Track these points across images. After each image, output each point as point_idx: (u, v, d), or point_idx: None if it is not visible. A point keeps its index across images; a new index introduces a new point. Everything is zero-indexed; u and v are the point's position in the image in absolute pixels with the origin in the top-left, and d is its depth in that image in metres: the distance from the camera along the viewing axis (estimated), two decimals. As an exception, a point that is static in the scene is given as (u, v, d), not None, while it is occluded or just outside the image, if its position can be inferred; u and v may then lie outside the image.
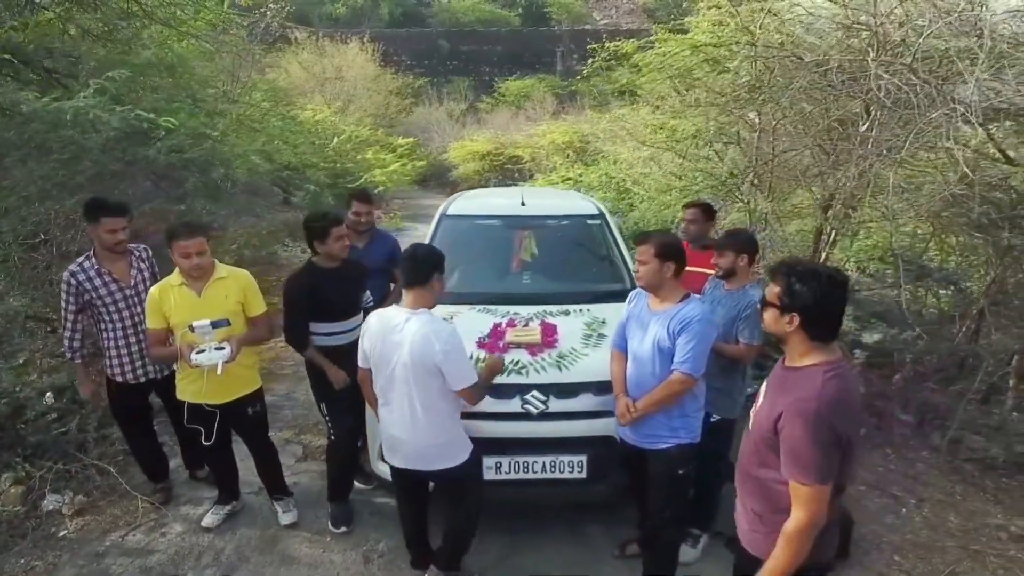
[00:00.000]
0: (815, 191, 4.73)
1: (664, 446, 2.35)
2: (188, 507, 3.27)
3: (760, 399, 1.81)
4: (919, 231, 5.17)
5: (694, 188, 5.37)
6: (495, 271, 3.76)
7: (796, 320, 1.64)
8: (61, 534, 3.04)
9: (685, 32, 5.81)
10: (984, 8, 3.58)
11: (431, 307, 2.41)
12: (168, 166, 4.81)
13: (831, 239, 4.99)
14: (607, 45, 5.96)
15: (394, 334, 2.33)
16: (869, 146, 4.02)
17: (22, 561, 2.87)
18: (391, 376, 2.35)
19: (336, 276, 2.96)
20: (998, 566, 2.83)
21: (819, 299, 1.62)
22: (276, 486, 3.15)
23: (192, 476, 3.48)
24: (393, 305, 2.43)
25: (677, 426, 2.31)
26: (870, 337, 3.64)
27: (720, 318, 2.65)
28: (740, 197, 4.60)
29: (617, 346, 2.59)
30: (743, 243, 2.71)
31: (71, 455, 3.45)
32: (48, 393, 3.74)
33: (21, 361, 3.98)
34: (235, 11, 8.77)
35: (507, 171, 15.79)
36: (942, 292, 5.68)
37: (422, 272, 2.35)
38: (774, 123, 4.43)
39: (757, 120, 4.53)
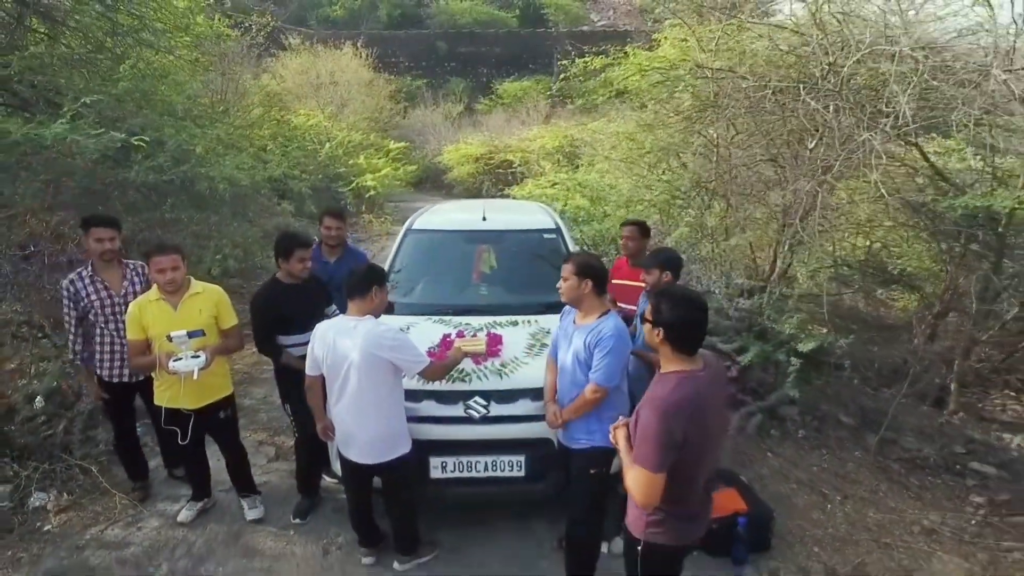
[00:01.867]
0: (770, 204, 4.98)
1: (579, 447, 2.61)
2: (165, 503, 3.53)
3: None
4: (873, 241, 5.44)
5: (659, 199, 5.61)
6: (455, 283, 4.01)
7: (661, 334, 1.90)
8: (45, 528, 3.30)
9: (652, 48, 6.07)
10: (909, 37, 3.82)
11: (375, 315, 2.68)
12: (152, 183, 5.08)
13: (787, 249, 5.24)
14: (576, 60, 6.21)
15: (345, 339, 2.60)
16: (817, 163, 4.28)
17: (9, 553, 3.12)
18: (345, 376, 2.62)
19: (297, 291, 3.22)
20: (904, 557, 3.08)
21: (680, 318, 1.89)
22: (244, 485, 3.41)
23: (170, 475, 3.74)
24: (340, 315, 2.70)
25: (593, 429, 2.56)
26: (805, 346, 3.87)
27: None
28: (692, 210, 4.84)
29: (552, 355, 2.84)
30: (665, 261, 2.96)
31: (57, 456, 3.71)
32: (38, 397, 3.99)
33: (13, 366, 4.22)
34: (226, 22, 9.06)
35: (499, 175, 16.01)
36: (904, 296, 5.96)
37: (361, 285, 2.65)
38: (728, 139, 4.70)
39: (715, 136, 4.78)
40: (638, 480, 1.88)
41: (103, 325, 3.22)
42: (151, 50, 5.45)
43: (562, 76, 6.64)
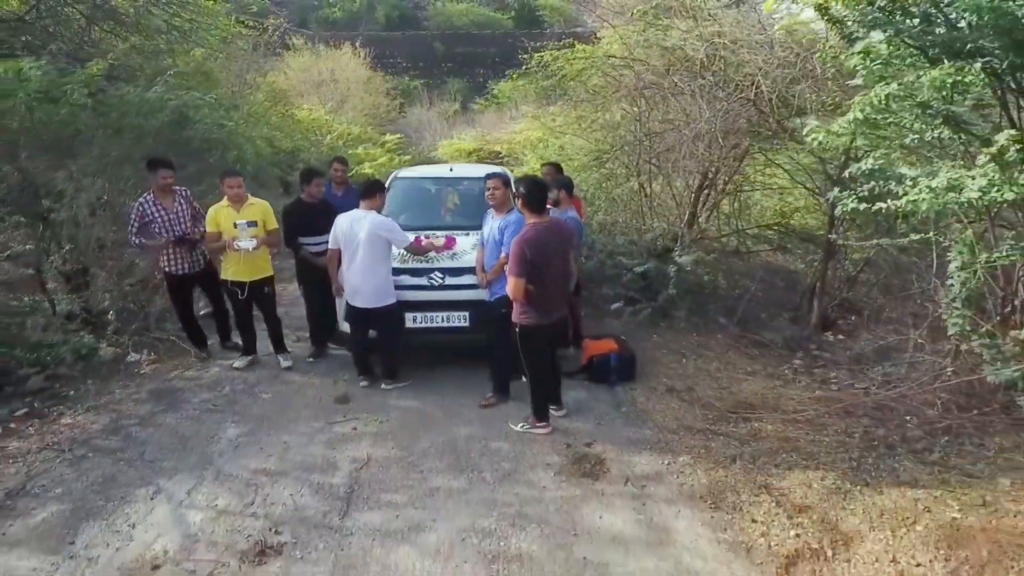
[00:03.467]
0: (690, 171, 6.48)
1: (496, 296, 4.10)
2: (223, 361, 5.01)
3: None
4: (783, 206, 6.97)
5: (596, 159, 7.11)
6: (427, 214, 5.51)
7: (521, 201, 3.43)
8: (142, 371, 4.79)
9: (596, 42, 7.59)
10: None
11: (377, 211, 4.19)
12: (195, 147, 6.56)
13: (708, 204, 6.75)
14: (535, 55, 7.71)
15: (357, 223, 4.14)
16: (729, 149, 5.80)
17: (120, 383, 4.61)
18: (355, 249, 4.13)
19: (313, 208, 4.76)
20: (725, 383, 4.56)
21: (528, 190, 3.42)
22: (279, 345, 4.92)
23: (223, 346, 5.23)
24: (353, 210, 4.22)
25: (503, 284, 4.04)
26: (682, 257, 5.36)
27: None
28: (613, 165, 6.40)
29: (481, 243, 4.34)
30: (562, 183, 4.47)
31: (141, 332, 5.20)
32: (128, 295, 5.48)
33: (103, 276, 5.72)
34: (243, 23, 10.58)
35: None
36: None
37: (370, 190, 4.23)
38: (635, 114, 6.23)
39: (626, 109, 6.31)
40: (511, 283, 3.41)
41: (165, 233, 4.66)
42: (197, 48, 6.97)
43: (523, 69, 8.13)
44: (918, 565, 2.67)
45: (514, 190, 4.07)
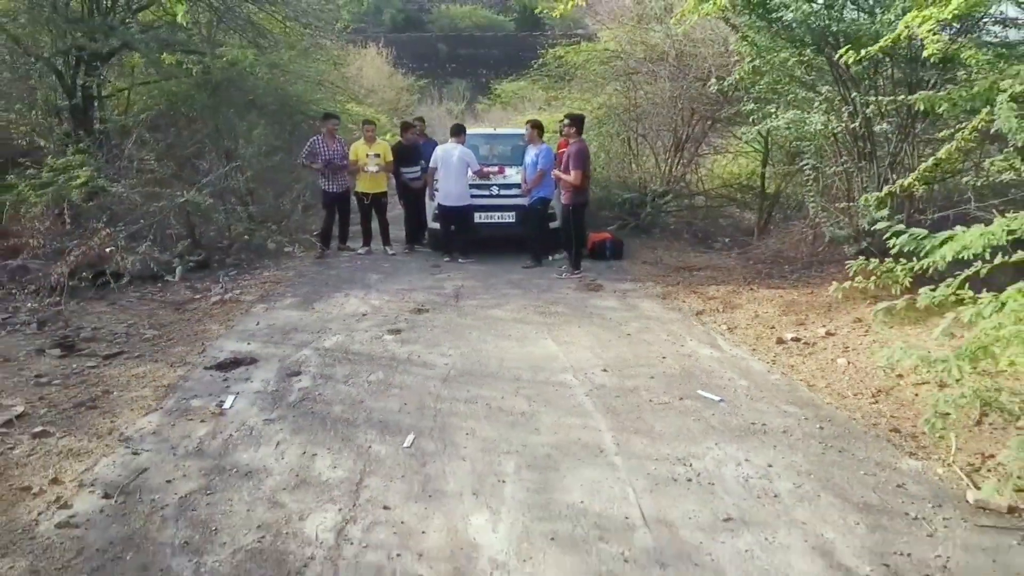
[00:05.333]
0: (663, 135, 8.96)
1: (533, 200, 6.58)
2: (345, 253, 7.47)
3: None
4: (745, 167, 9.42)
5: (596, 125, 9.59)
6: (478, 156, 7.99)
7: (573, 129, 5.94)
8: (295, 257, 7.24)
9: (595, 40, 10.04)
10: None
11: (462, 144, 6.67)
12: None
13: (680, 161, 9.21)
14: (549, 51, 10.19)
15: (451, 151, 6.64)
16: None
17: (279, 262, 7.05)
18: (448, 166, 6.62)
19: (408, 148, 7.29)
20: (680, 258, 7.02)
21: (577, 120, 5.94)
22: (386, 239, 7.39)
23: (341, 248, 7.66)
24: (448, 141, 6.69)
25: (539, 191, 6.50)
26: (656, 193, 7.82)
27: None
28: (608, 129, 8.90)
29: (523, 166, 6.81)
30: (573, 120, 6.88)
31: (295, 232, 7.66)
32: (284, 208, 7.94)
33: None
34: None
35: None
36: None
37: (459, 131, 6.73)
38: (626, 94, 8.71)
39: (619, 89, 8.79)
40: (575, 174, 5.95)
41: (327, 162, 7.10)
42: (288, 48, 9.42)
43: (535, 66, 10.60)
44: (767, 312, 5.14)
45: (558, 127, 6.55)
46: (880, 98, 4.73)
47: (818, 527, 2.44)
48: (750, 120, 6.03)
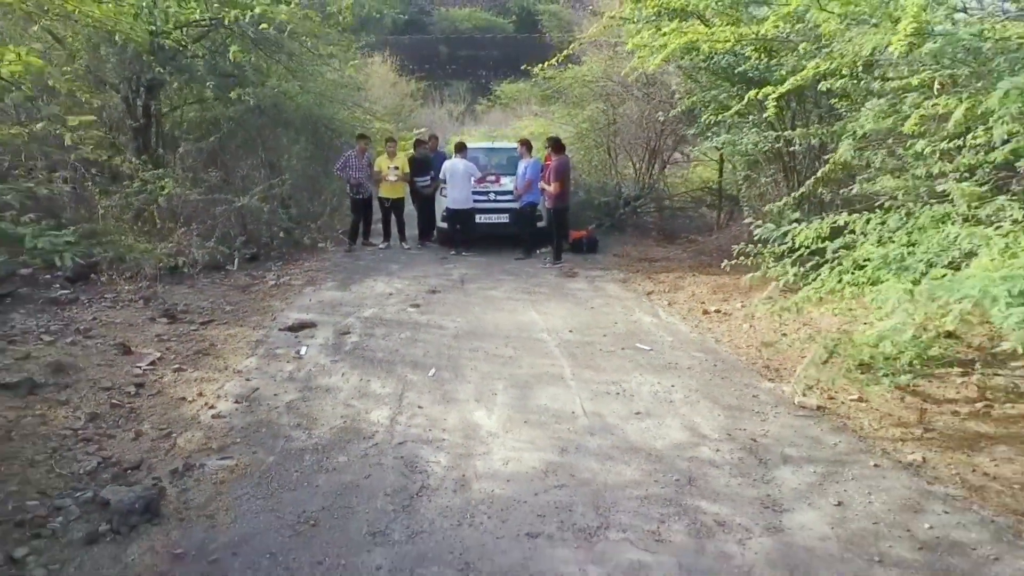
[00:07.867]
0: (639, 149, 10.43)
1: (523, 204, 8.08)
2: (368, 248, 8.94)
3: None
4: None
5: (580, 139, 11.06)
6: (479, 166, 9.47)
7: (551, 148, 7.41)
8: (327, 251, 8.70)
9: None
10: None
11: (465, 158, 8.18)
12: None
13: (653, 170, 10.68)
14: (538, 66, 11.62)
15: (458, 163, 8.15)
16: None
17: (313, 255, 8.51)
18: (455, 176, 8.13)
19: (421, 160, 8.77)
20: (643, 251, 8.50)
21: (555, 142, 7.42)
22: (403, 236, 8.88)
23: (364, 244, 9.12)
24: (454, 157, 8.20)
25: (528, 197, 7.98)
26: (629, 198, 9.29)
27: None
28: (590, 142, 10.36)
29: (515, 176, 8.28)
30: (552, 143, 8.34)
31: (326, 230, 9.13)
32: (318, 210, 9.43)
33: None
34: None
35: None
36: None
37: (462, 148, 8.26)
38: (611, 111, 10.17)
39: (599, 108, 10.25)
40: (554, 185, 7.41)
41: (355, 174, 8.57)
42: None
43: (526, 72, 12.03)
44: (701, 292, 6.61)
45: (536, 147, 8.02)
46: (785, 131, 6.21)
47: (694, 417, 3.91)
48: (707, 136, 7.50)
